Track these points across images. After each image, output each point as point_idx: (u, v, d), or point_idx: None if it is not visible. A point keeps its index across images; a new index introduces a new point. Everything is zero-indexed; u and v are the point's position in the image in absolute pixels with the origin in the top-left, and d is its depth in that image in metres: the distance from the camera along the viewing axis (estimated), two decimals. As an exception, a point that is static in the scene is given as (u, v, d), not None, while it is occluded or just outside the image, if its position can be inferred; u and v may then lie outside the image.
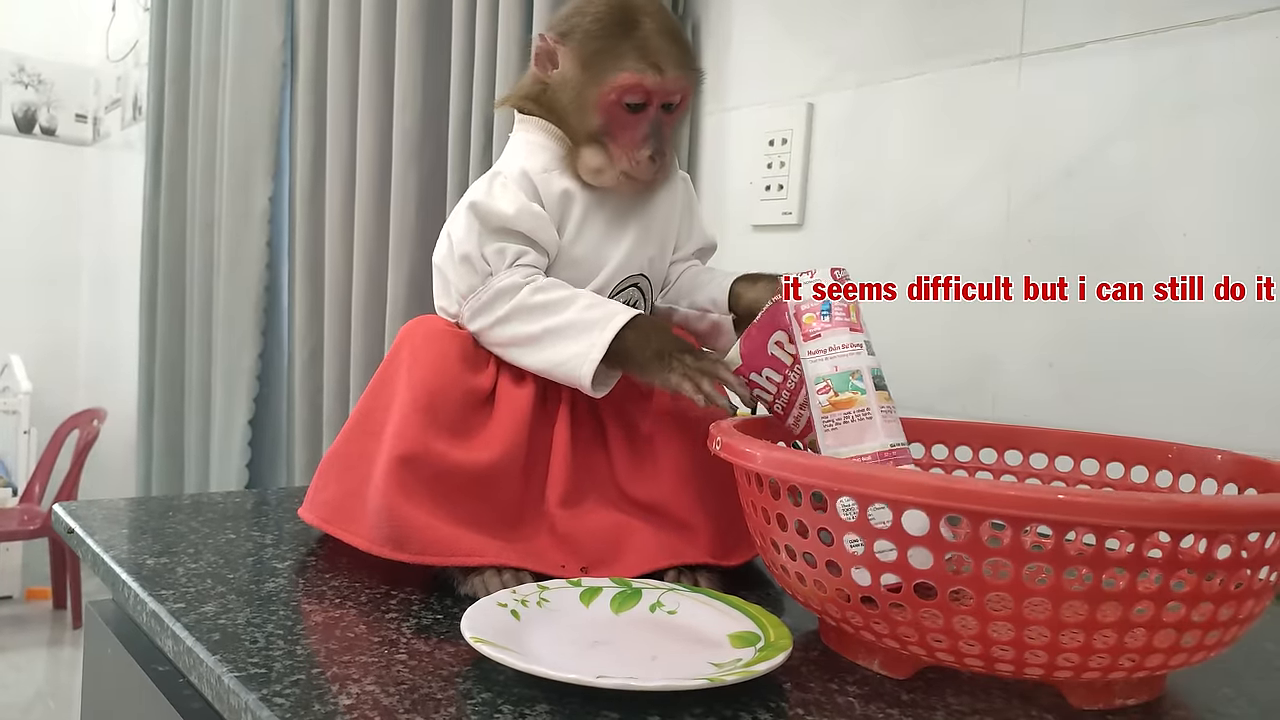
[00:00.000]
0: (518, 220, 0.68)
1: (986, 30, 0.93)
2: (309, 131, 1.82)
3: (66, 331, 3.54)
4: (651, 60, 0.67)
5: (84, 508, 0.77)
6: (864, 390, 0.60)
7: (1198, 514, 0.43)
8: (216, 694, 0.47)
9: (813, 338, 0.61)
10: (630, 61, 0.67)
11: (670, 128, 0.70)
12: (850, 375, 0.60)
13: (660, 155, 0.68)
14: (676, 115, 0.70)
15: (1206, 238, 0.78)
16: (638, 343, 0.64)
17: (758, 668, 0.47)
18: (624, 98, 0.67)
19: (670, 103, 0.69)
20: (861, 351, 0.61)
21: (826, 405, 0.59)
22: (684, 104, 0.70)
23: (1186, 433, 0.78)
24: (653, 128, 0.68)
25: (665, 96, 0.68)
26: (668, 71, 0.67)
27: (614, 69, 0.67)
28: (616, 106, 0.68)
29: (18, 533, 2.70)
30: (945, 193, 0.96)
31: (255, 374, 2.03)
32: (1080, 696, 0.49)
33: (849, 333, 0.61)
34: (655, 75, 0.67)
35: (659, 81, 0.67)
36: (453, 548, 0.61)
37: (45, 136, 3.47)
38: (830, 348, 0.60)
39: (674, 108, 0.70)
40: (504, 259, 0.68)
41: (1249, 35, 0.76)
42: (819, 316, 0.61)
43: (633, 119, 0.68)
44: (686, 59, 0.69)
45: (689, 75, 0.69)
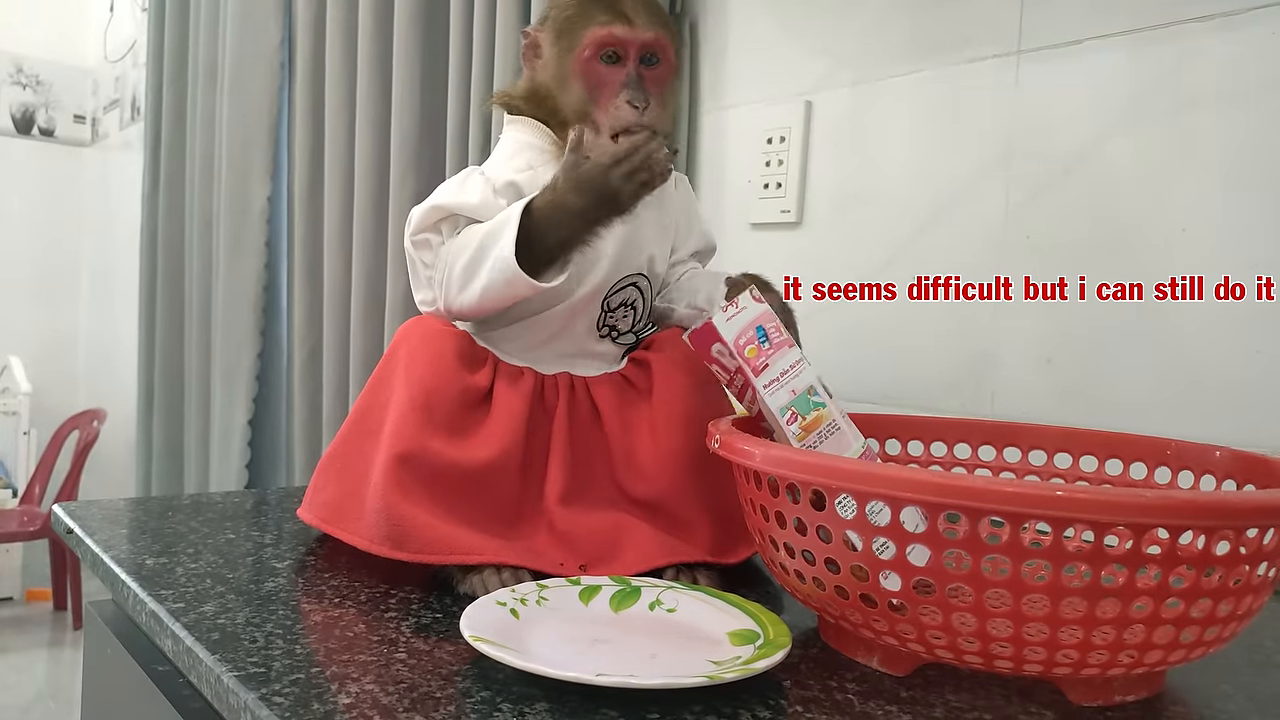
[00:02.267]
0: (480, 210, 0.68)
1: (984, 27, 0.93)
2: (307, 131, 1.82)
3: (66, 332, 3.54)
4: (619, 11, 0.67)
5: (83, 508, 0.77)
6: (824, 403, 0.60)
7: (1196, 510, 0.43)
8: (216, 693, 0.47)
9: (762, 370, 0.60)
10: (601, 17, 0.68)
11: (658, 86, 0.69)
12: (808, 393, 0.60)
13: (642, 100, 0.67)
14: (662, 74, 0.69)
15: (1205, 234, 0.78)
16: (556, 198, 0.63)
17: (757, 665, 0.47)
18: (598, 52, 0.68)
19: (649, 55, 0.68)
20: (804, 364, 0.61)
21: (799, 433, 0.60)
22: (666, 60, 0.69)
23: (1185, 429, 0.78)
24: (630, 79, 0.67)
25: (640, 46, 0.68)
26: (637, 20, 0.68)
27: (585, 29, 0.68)
28: (592, 64, 0.68)
29: (18, 534, 2.70)
30: (943, 190, 0.96)
31: (254, 374, 2.03)
32: (1079, 693, 0.49)
33: (789, 349, 0.61)
34: (624, 24, 0.67)
35: (629, 29, 0.67)
36: (451, 546, 0.61)
37: (43, 137, 3.47)
38: (781, 373, 0.60)
39: (655, 62, 0.69)
40: (459, 225, 0.69)
41: (1247, 31, 0.76)
42: (760, 346, 0.60)
43: (611, 73, 0.68)
44: (658, 15, 0.69)
45: (662, 28, 0.69)
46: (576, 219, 0.63)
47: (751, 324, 0.60)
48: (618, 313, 0.72)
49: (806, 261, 1.09)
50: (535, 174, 0.69)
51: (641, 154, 0.62)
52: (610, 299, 0.71)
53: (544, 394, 0.69)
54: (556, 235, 0.63)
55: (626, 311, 0.73)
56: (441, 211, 0.69)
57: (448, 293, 0.67)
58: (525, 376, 0.69)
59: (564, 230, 0.63)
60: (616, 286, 0.71)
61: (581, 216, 0.63)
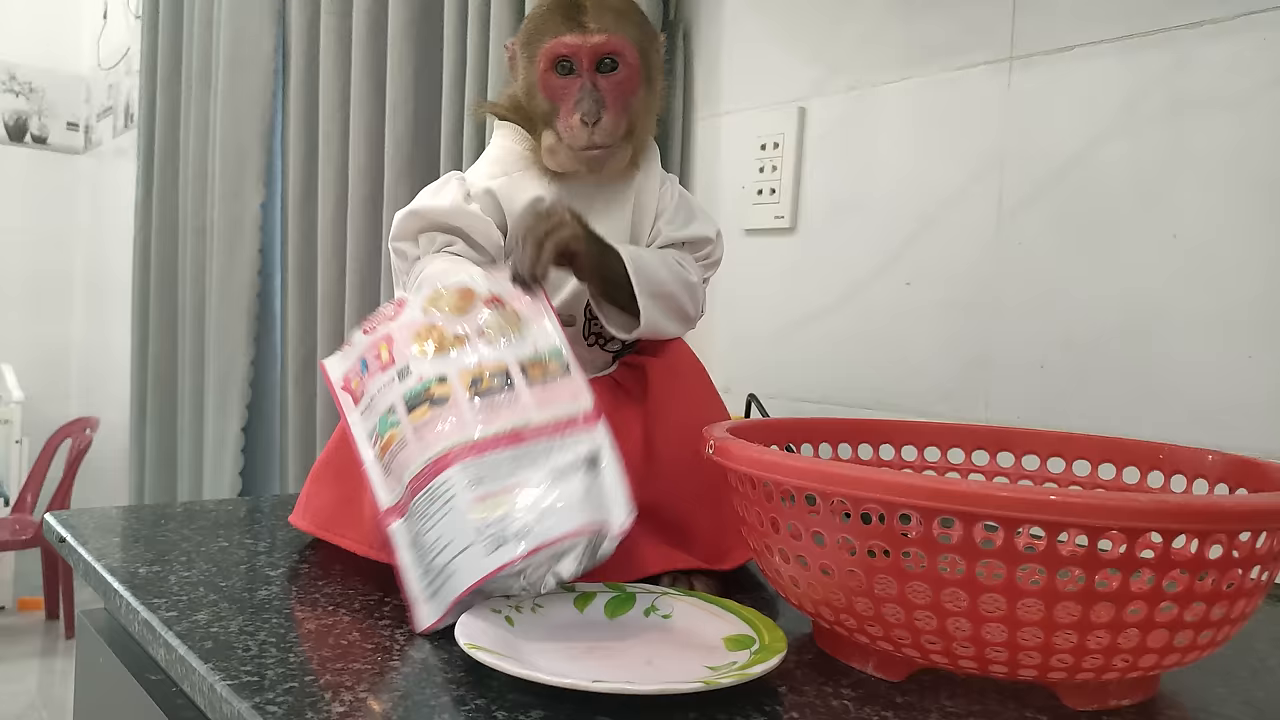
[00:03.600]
0: (452, 215, 0.68)
1: (976, 33, 0.93)
2: (300, 138, 1.82)
3: (58, 340, 3.53)
4: (573, 18, 0.66)
5: (75, 516, 0.77)
6: (398, 421, 0.57)
7: (1189, 514, 0.43)
8: (209, 703, 0.47)
9: (361, 398, 0.59)
10: (555, 28, 0.67)
11: (618, 94, 0.67)
12: (387, 413, 0.57)
13: (593, 116, 0.66)
14: (623, 79, 0.67)
15: (1196, 240, 0.79)
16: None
17: (753, 670, 0.47)
18: (552, 64, 0.67)
19: (605, 60, 0.67)
20: (396, 381, 0.58)
21: (377, 454, 0.57)
22: (629, 63, 0.67)
23: (1177, 434, 0.78)
24: (583, 92, 0.66)
25: (591, 53, 0.66)
26: (589, 26, 0.66)
27: (541, 41, 0.67)
28: (550, 75, 0.67)
29: (10, 543, 2.69)
30: (937, 196, 0.96)
31: (248, 381, 2.03)
32: (1074, 697, 0.49)
33: (382, 372, 0.59)
34: (577, 33, 0.66)
35: (581, 37, 0.66)
36: None
37: (37, 145, 3.47)
38: (371, 399, 0.58)
39: (615, 67, 0.67)
40: (433, 245, 0.69)
41: (1237, 37, 0.76)
42: (361, 378, 0.59)
43: (567, 85, 0.67)
44: (620, 22, 0.67)
45: (621, 31, 0.67)
46: None
47: (357, 359, 0.60)
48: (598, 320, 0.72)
49: (800, 267, 1.09)
50: (511, 180, 0.70)
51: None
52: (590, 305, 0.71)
53: None
54: None
55: None
56: (416, 219, 0.69)
57: None
58: None
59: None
60: None
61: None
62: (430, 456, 0.55)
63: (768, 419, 0.94)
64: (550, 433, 0.54)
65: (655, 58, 0.71)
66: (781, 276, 1.11)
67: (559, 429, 0.54)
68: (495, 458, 0.54)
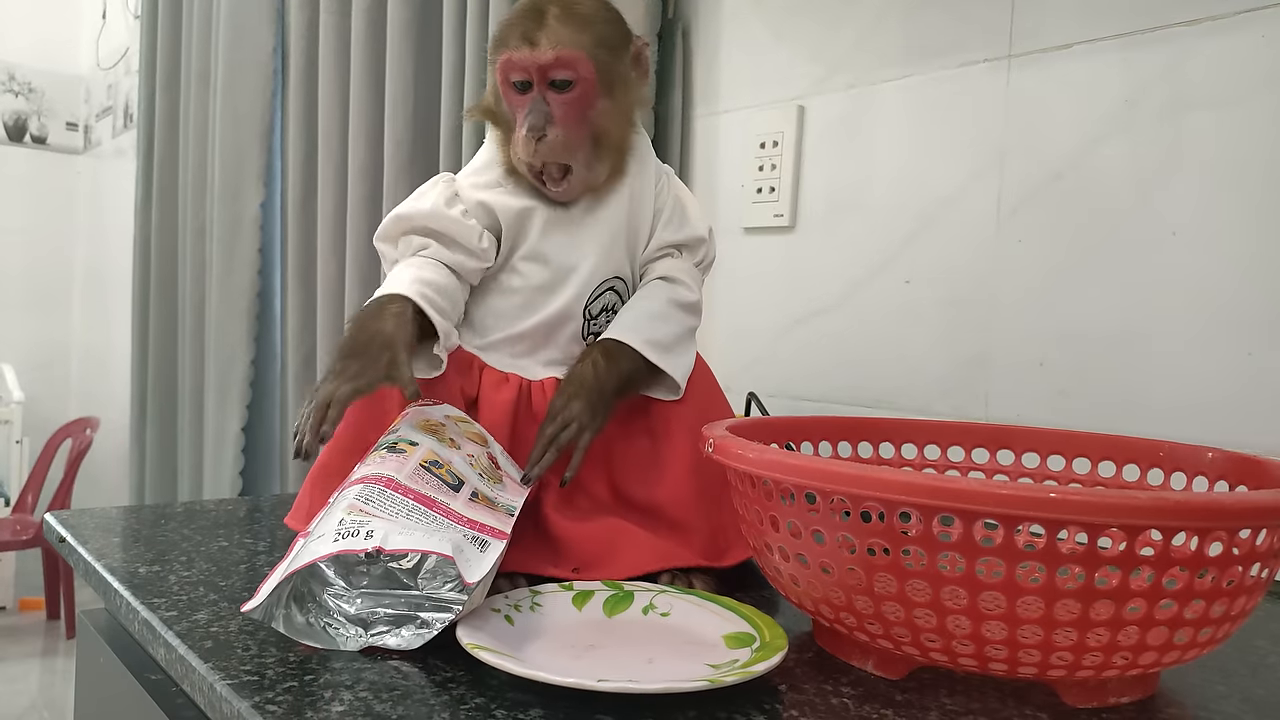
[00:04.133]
0: (431, 219, 0.69)
1: (975, 32, 0.93)
2: (300, 138, 1.82)
3: (58, 340, 3.53)
4: (528, 37, 0.66)
5: (76, 516, 0.77)
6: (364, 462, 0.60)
7: (1189, 511, 0.43)
8: (209, 702, 0.47)
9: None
10: (509, 41, 0.67)
11: (573, 108, 0.67)
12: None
13: (537, 131, 0.66)
14: (577, 98, 0.67)
15: (1195, 237, 0.79)
16: (358, 319, 0.64)
17: (756, 668, 0.47)
18: (506, 79, 0.67)
19: (557, 80, 0.66)
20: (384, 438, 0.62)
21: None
22: (584, 78, 0.66)
23: (1177, 431, 0.78)
24: (533, 106, 0.66)
25: (543, 70, 0.66)
26: (540, 44, 0.66)
27: (497, 56, 0.67)
28: (507, 88, 0.67)
29: (10, 543, 2.69)
30: (936, 194, 0.96)
31: (248, 381, 2.03)
32: (1074, 695, 0.49)
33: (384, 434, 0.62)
34: (527, 49, 0.66)
35: (529, 53, 0.65)
36: None
37: (36, 145, 3.47)
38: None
39: (567, 87, 0.66)
40: (409, 248, 0.69)
41: (1235, 35, 0.76)
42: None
43: (521, 100, 0.67)
44: (575, 38, 0.66)
45: (571, 51, 0.65)
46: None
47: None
48: (600, 319, 0.72)
49: (799, 265, 1.09)
50: (505, 190, 0.70)
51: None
52: (590, 306, 0.71)
53: (531, 399, 0.69)
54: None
55: (608, 317, 0.73)
56: (398, 222, 0.70)
57: None
58: (510, 382, 0.69)
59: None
60: (595, 294, 0.71)
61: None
62: (351, 477, 0.58)
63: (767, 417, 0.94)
64: (458, 520, 0.55)
65: (620, 65, 0.69)
66: (781, 275, 1.11)
67: (468, 523, 0.55)
68: (397, 497, 0.55)
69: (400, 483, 0.56)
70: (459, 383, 0.68)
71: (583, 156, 0.68)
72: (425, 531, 0.53)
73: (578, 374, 0.67)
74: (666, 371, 0.69)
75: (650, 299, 0.72)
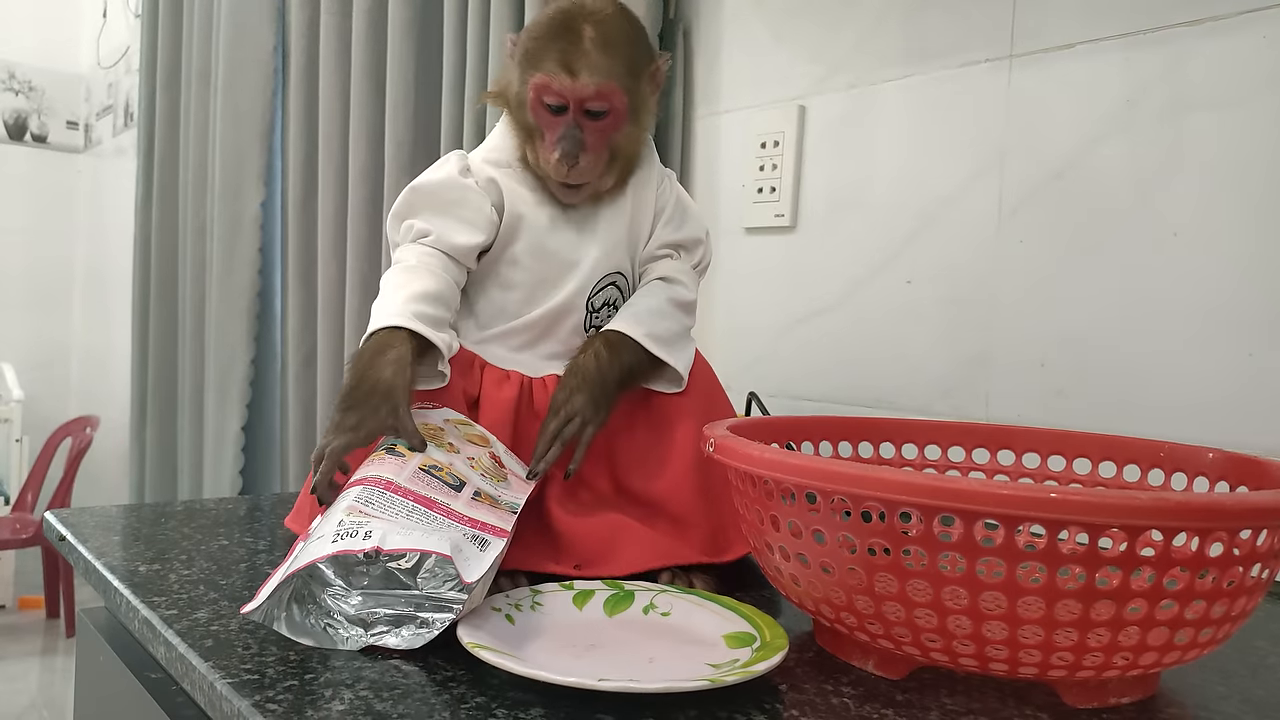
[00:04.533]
0: (443, 187, 0.70)
1: (976, 32, 0.93)
2: (300, 137, 1.82)
3: (58, 339, 3.53)
4: (567, 64, 0.66)
5: (76, 515, 0.77)
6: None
7: (1190, 512, 0.43)
8: (209, 701, 0.47)
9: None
10: (549, 64, 0.67)
11: (600, 136, 0.68)
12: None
13: (571, 159, 0.67)
14: (608, 125, 0.68)
15: (1196, 237, 0.79)
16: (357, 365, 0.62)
17: (757, 667, 0.47)
18: (541, 98, 0.68)
19: (594, 110, 0.67)
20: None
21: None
22: (616, 109, 0.68)
23: (1177, 431, 0.78)
24: (566, 131, 0.67)
25: (580, 101, 0.67)
26: (581, 76, 0.66)
27: (534, 70, 0.68)
28: (539, 106, 0.68)
29: (10, 541, 2.69)
30: (936, 194, 0.96)
31: (248, 380, 2.03)
32: (1075, 695, 0.49)
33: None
34: (567, 78, 0.66)
35: (570, 85, 0.66)
36: None
37: (36, 144, 3.47)
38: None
39: (602, 116, 0.68)
40: (410, 234, 0.70)
41: (1236, 35, 0.76)
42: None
43: (553, 120, 0.68)
44: (612, 68, 0.67)
45: (610, 83, 0.67)
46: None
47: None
48: (601, 313, 0.73)
49: (800, 265, 1.09)
50: (513, 173, 0.71)
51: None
52: (593, 299, 0.72)
53: (532, 396, 0.69)
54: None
55: (610, 311, 0.73)
56: (412, 194, 0.71)
57: None
58: (511, 380, 0.69)
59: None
60: (597, 287, 0.72)
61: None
62: (350, 479, 0.58)
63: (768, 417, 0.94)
64: (458, 519, 0.55)
65: (646, 90, 0.71)
66: (782, 275, 1.11)
67: (468, 521, 0.55)
68: (396, 499, 0.55)
69: (400, 485, 0.56)
70: (461, 384, 0.68)
71: (600, 170, 0.69)
72: (424, 531, 0.53)
73: (580, 365, 0.68)
74: (669, 363, 0.69)
75: (651, 296, 0.72)
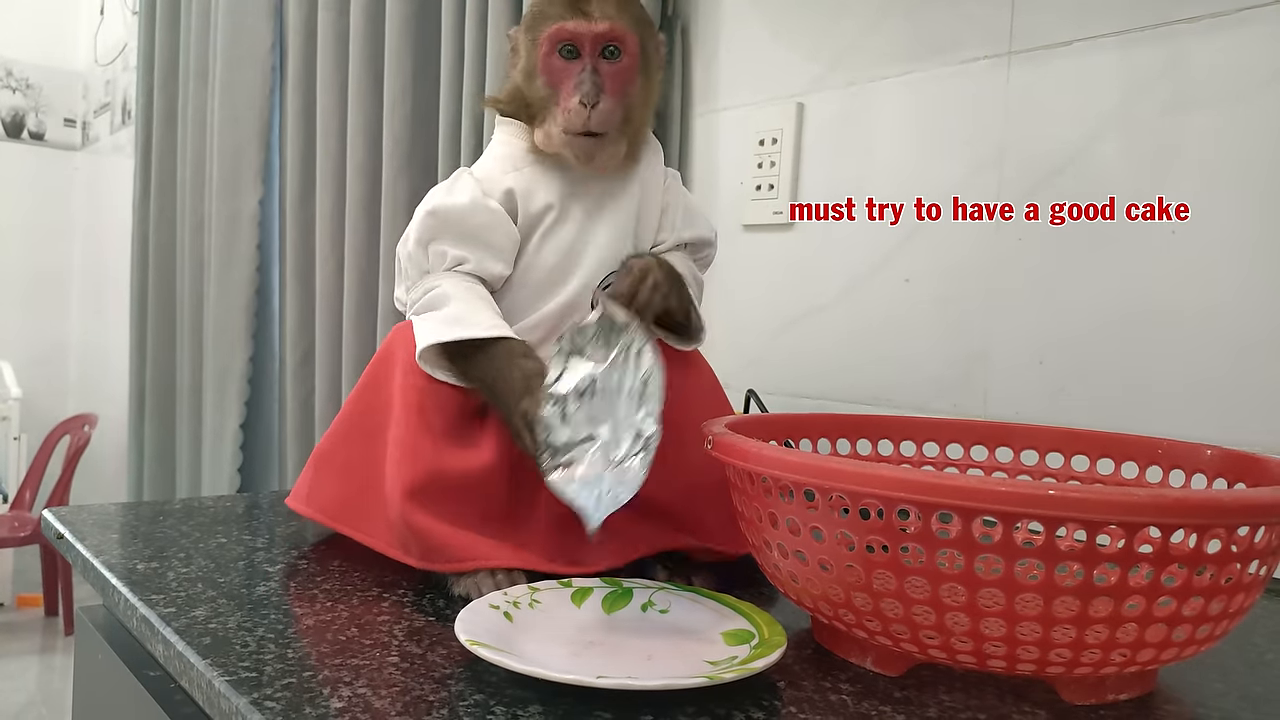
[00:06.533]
0: (471, 213, 0.68)
1: (975, 29, 0.93)
2: (299, 134, 1.82)
3: (56, 337, 3.52)
4: (577, 5, 0.67)
5: (74, 513, 0.77)
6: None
7: (1188, 509, 0.43)
8: (208, 698, 0.47)
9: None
10: (558, 11, 0.67)
11: (619, 81, 0.67)
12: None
13: (591, 99, 0.66)
14: (624, 68, 0.68)
15: (1194, 235, 0.79)
16: (488, 365, 0.64)
17: (755, 664, 0.47)
18: (554, 47, 0.67)
19: (609, 47, 0.67)
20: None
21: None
22: (630, 52, 0.67)
23: (1175, 428, 0.78)
24: (586, 74, 0.66)
25: (595, 39, 0.66)
26: (594, 14, 0.66)
27: (545, 24, 0.67)
28: (551, 59, 0.67)
29: (8, 539, 2.69)
30: (935, 191, 0.96)
31: (246, 378, 2.03)
32: (1073, 692, 0.49)
33: None
34: (580, 19, 0.66)
35: (583, 23, 0.66)
36: (459, 554, 0.62)
37: (34, 141, 3.46)
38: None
39: (617, 55, 0.67)
40: (443, 261, 0.68)
41: (1235, 32, 0.76)
42: None
43: (568, 68, 0.67)
44: (624, 10, 0.67)
45: (623, 20, 0.67)
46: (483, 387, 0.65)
47: None
48: None
49: (799, 263, 1.09)
50: (522, 175, 0.70)
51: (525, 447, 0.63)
52: (596, 296, 0.72)
53: None
54: (473, 378, 0.65)
55: None
56: (435, 218, 0.69)
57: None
58: None
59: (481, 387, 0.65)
60: (604, 283, 0.72)
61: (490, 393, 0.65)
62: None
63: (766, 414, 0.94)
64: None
65: (654, 51, 0.71)
66: (780, 272, 1.11)
67: None
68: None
69: None
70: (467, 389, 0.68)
71: (616, 130, 0.68)
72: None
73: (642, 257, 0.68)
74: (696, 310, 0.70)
75: (679, 264, 0.72)
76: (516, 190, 0.69)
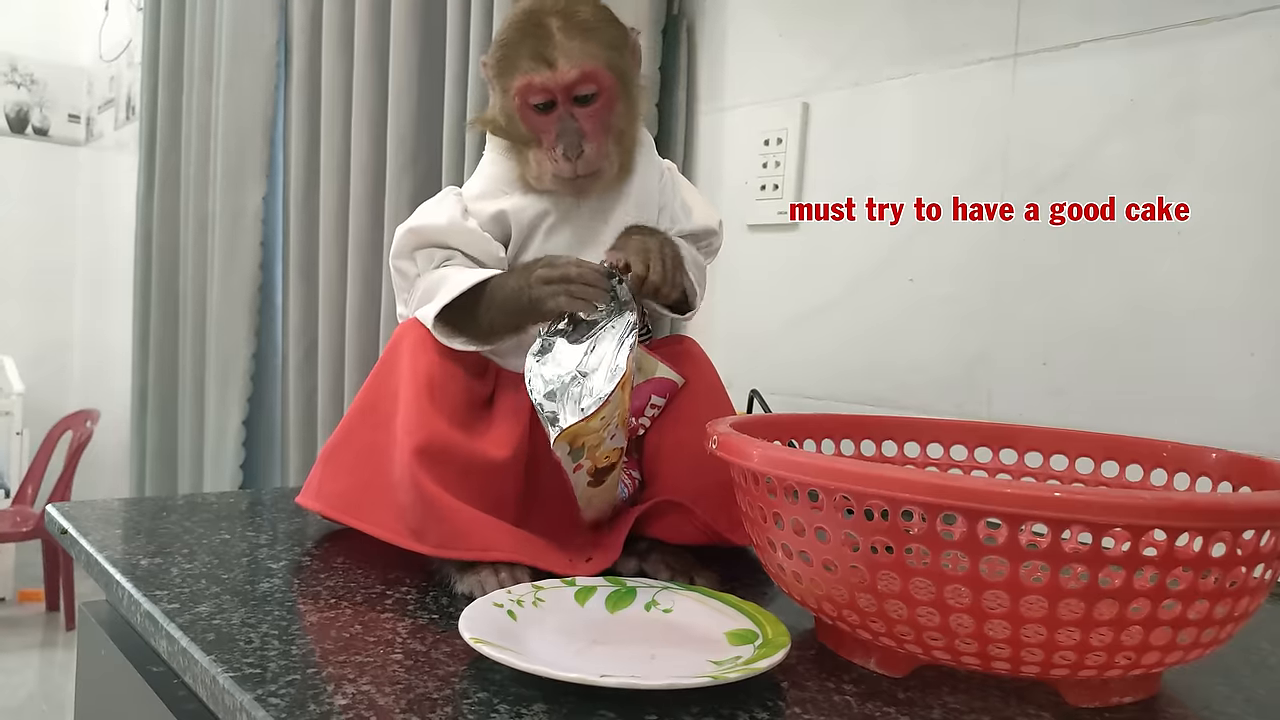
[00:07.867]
0: (448, 233, 0.69)
1: (981, 30, 0.93)
2: (302, 131, 1.82)
3: (59, 332, 3.53)
4: (543, 57, 0.65)
5: (77, 508, 0.77)
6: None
7: (1193, 512, 0.43)
8: (211, 694, 0.47)
9: None
10: (525, 63, 0.66)
11: (598, 119, 0.67)
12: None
13: (575, 151, 0.66)
14: (601, 108, 0.67)
15: (1200, 237, 0.79)
16: (495, 287, 0.66)
17: (759, 665, 0.47)
18: (527, 100, 0.66)
19: (582, 95, 0.66)
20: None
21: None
22: (605, 87, 0.66)
23: (1180, 431, 0.78)
24: (563, 125, 0.66)
25: (566, 91, 0.66)
26: (559, 64, 0.65)
27: (512, 76, 0.67)
28: (527, 111, 0.67)
29: (10, 534, 2.69)
30: (940, 192, 0.96)
31: (249, 374, 2.03)
32: (1077, 695, 0.49)
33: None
34: (546, 70, 0.65)
35: (550, 76, 0.65)
36: (470, 542, 0.62)
37: (38, 137, 3.46)
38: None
39: (591, 99, 0.66)
40: (431, 262, 0.69)
41: (1242, 35, 0.76)
42: None
43: (545, 120, 0.67)
44: (588, 50, 0.66)
45: (589, 59, 0.65)
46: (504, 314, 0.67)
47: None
48: None
49: (803, 263, 1.09)
50: (513, 198, 0.70)
51: (577, 287, 0.65)
52: None
53: None
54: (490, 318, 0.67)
55: None
56: (414, 236, 0.70)
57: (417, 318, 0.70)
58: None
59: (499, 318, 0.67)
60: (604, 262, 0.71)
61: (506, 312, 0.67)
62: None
63: (770, 414, 0.94)
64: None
65: (631, 64, 0.70)
66: (784, 272, 1.11)
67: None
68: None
69: None
70: (474, 385, 0.68)
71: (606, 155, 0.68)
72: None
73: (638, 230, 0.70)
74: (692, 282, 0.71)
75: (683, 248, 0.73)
76: (509, 210, 0.69)
